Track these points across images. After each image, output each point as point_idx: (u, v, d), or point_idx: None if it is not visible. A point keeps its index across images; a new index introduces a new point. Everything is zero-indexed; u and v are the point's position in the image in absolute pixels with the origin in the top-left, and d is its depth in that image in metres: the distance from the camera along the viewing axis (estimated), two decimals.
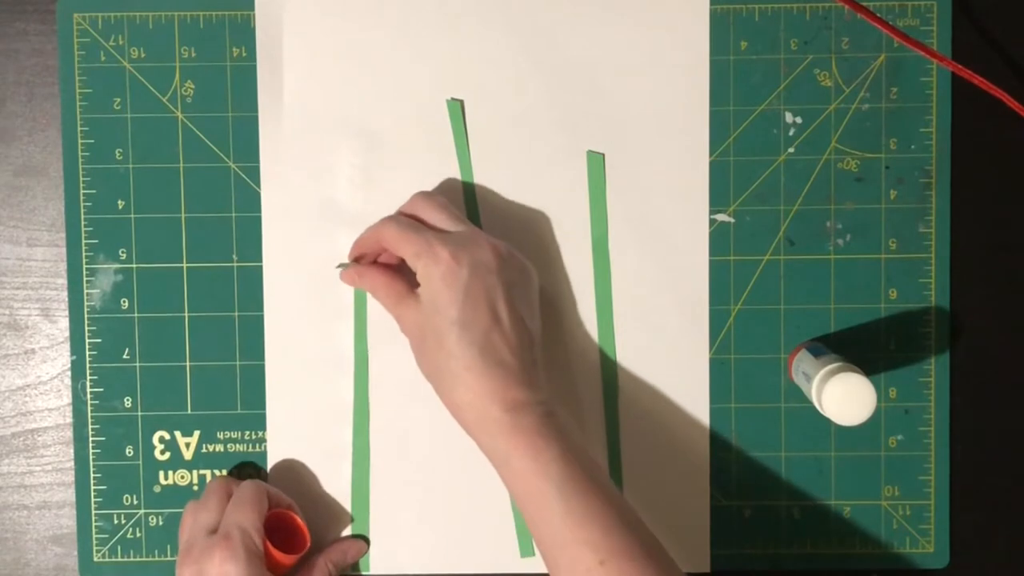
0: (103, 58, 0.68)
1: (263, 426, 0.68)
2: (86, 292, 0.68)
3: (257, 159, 0.68)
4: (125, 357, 0.68)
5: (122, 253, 0.68)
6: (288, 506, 0.65)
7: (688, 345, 0.68)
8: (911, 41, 0.65)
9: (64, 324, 0.69)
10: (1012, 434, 0.69)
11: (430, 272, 0.61)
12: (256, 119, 0.68)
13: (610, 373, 0.68)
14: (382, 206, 0.67)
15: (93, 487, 0.68)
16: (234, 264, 0.68)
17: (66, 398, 0.69)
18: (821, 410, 0.61)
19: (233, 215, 0.68)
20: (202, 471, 0.68)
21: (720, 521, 0.68)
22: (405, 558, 0.68)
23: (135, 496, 0.68)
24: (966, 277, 0.68)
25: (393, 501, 0.68)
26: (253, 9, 0.67)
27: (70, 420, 0.69)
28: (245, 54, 0.68)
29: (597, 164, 0.68)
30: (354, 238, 0.67)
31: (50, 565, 0.69)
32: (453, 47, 0.67)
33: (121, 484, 0.68)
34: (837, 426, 0.67)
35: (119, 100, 0.68)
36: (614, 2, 0.67)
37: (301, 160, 0.68)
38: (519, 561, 0.68)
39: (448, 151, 0.68)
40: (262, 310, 0.68)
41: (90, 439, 0.68)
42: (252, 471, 0.68)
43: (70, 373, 0.68)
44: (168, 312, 0.68)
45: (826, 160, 0.68)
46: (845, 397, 0.60)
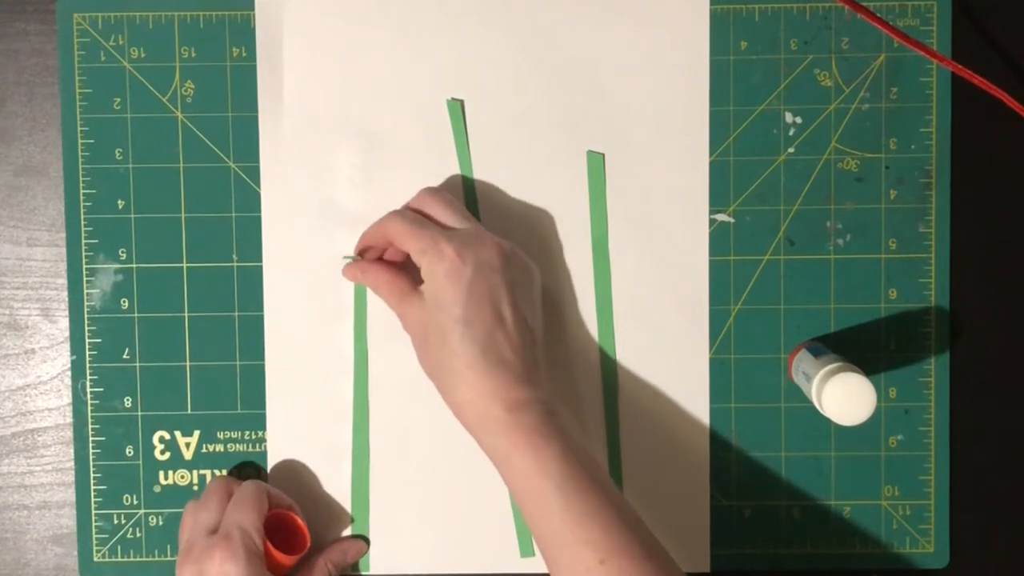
0: (103, 58, 0.68)
1: (263, 426, 0.68)
2: (86, 292, 0.68)
3: (257, 159, 0.68)
4: (125, 357, 0.68)
5: (122, 253, 0.68)
6: (288, 506, 0.65)
7: (688, 345, 0.68)
8: (911, 41, 0.65)
9: (64, 324, 0.69)
10: (1012, 434, 0.69)
11: (434, 270, 0.61)
12: (256, 119, 0.68)
13: (610, 373, 0.68)
14: (382, 206, 0.67)
15: (93, 487, 0.68)
16: (234, 264, 0.68)
17: (66, 398, 0.69)
18: (821, 410, 0.61)
19: (233, 215, 0.68)
20: (202, 471, 0.68)
21: (720, 521, 0.68)
22: (405, 558, 0.68)
23: (135, 496, 0.68)
24: (966, 277, 0.68)
25: (393, 501, 0.68)
26: (253, 9, 0.67)
27: (70, 420, 0.69)
28: (245, 54, 0.68)
29: (597, 164, 0.68)
30: (354, 238, 0.67)
31: (50, 565, 0.69)
32: (453, 47, 0.67)
33: (121, 484, 0.68)
34: (837, 426, 0.67)
35: (119, 100, 0.68)
36: (614, 2, 0.67)
37: (301, 160, 0.68)
38: (519, 561, 0.68)
39: (448, 151, 0.68)
40: (262, 310, 0.68)
41: (90, 439, 0.68)
42: (252, 471, 0.68)
43: (70, 373, 0.68)
44: (168, 312, 0.68)
45: (826, 160, 0.68)
46: (845, 397, 0.60)
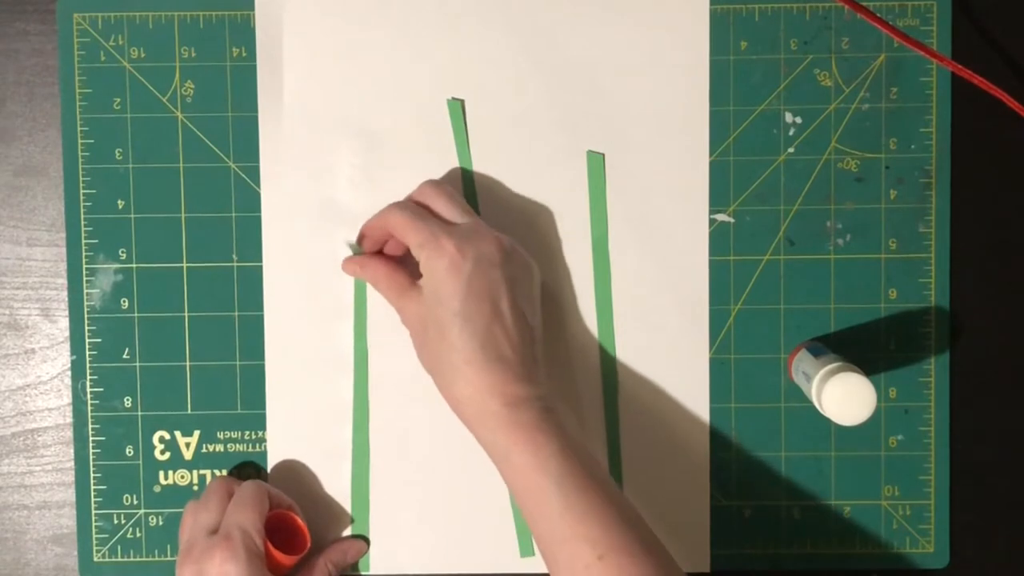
0: (103, 58, 0.68)
1: (263, 426, 0.68)
2: (86, 292, 0.68)
3: (257, 159, 0.68)
4: (125, 357, 0.68)
5: (122, 253, 0.68)
6: (288, 507, 0.65)
7: (688, 345, 0.68)
8: (911, 41, 0.65)
9: (64, 324, 0.69)
10: (1012, 434, 0.69)
11: (434, 264, 0.61)
12: (256, 119, 0.68)
13: (610, 373, 0.68)
14: (382, 206, 0.66)
15: (93, 487, 0.68)
16: (234, 264, 0.68)
17: (66, 398, 0.69)
18: (821, 410, 0.61)
19: (233, 215, 0.68)
20: (202, 471, 0.68)
21: (720, 521, 0.68)
22: (405, 558, 0.68)
23: (135, 496, 0.68)
24: (966, 277, 0.68)
25: (393, 501, 0.68)
26: (253, 9, 0.67)
27: (70, 420, 0.69)
28: (245, 54, 0.68)
29: (597, 164, 0.68)
30: (354, 238, 0.67)
31: (50, 565, 0.69)
32: (453, 47, 0.67)
33: (121, 484, 0.68)
34: (837, 426, 0.67)
35: (119, 100, 0.68)
36: (614, 2, 0.67)
37: (301, 160, 0.68)
38: (519, 561, 0.68)
39: (448, 151, 0.68)
40: (262, 310, 0.68)
41: (90, 439, 0.68)
42: (252, 471, 0.68)
43: (70, 373, 0.68)
44: (168, 312, 0.68)
45: (826, 160, 0.68)
46: (845, 397, 0.60)
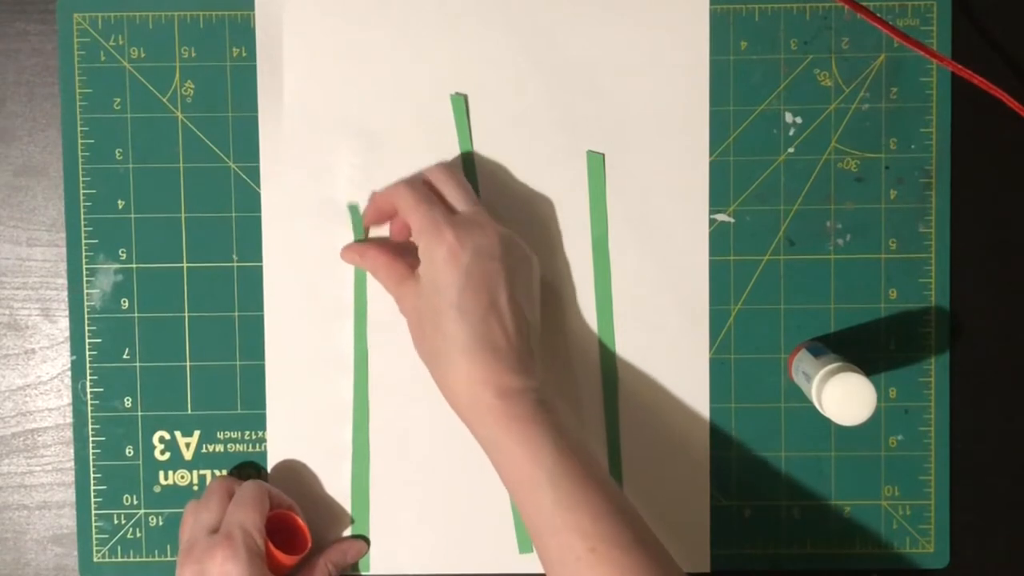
0: (103, 58, 0.67)
1: (263, 426, 0.68)
2: (86, 292, 0.68)
3: (257, 159, 0.68)
4: (125, 357, 0.68)
5: (122, 253, 0.68)
6: (289, 507, 0.65)
7: (688, 345, 0.68)
8: (911, 41, 0.65)
9: (64, 324, 0.69)
10: (1012, 434, 0.69)
11: (433, 253, 0.61)
12: (256, 119, 0.68)
13: (610, 373, 0.68)
14: None
15: (93, 487, 0.68)
16: (234, 264, 0.68)
17: (66, 398, 0.69)
18: (821, 410, 0.61)
19: (233, 215, 0.68)
20: (202, 471, 0.68)
21: (720, 521, 0.68)
22: (405, 558, 0.68)
23: (135, 496, 0.68)
24: (966, 277, 0.68)
25: (393, 501, 0.68)
26: (253, 9, 0.67)
27: (70, 420, 0.69)
28: (245, 54, 0.68)
29: (597, 164, 0.68)
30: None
31: (50, 565, 0.69)
32: (453, 47, 0.67)
33: (121, 484, 0.68)
34: (837, 426, 0.67)
35: (119, 100, 0.68)
36: (614, 2, 0.67)
37: (301, 160, 0.68)
38: (519, 561, 0.68)
39: (448, 151, 0.68)
40: (262, 310, 0.68)
41: (90, 439, 0.68)
42: (252, 471, 0.68)
43: (70, 373, 0.68)
44: (168, 312, 0.68)
45: (826, 160, 0.68)
46: (845, 397, 0.60)
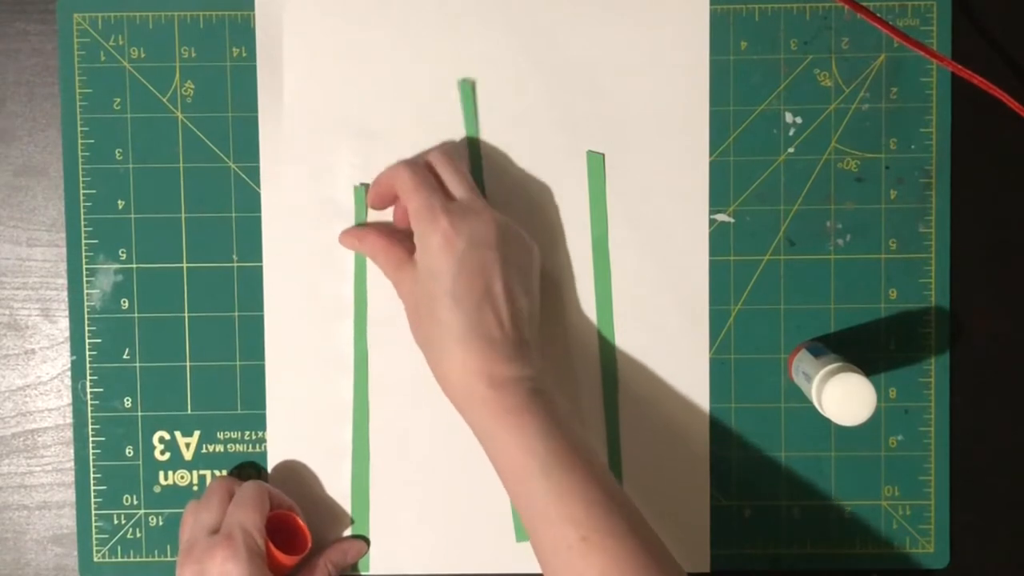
0: (103, 58, 0.67)
1: (263, 426, 0.68)
2: (86, 292, 0.68)
3: (257, 159, 0.68)
4: (125, 357, 0.68)
5: (122, 253, 0.68)
6: (289, 507, 0.65)
7: (688, 345, 0.68)
8: (911, 41, 0.65)
9: (64, 324, 0.69)
10: (1012, 434, 0.69)
11: (428, 239, 0.61)
12: (256, 119, 0.68)
13: (610, 373, 0.68)
14: None
15: (93, 487, 0.68)
16: (234, 264, 0.68)
17: (66, 398, 0.69)
18: (821, 410, 0.61)
19: (233, 215, 0.68)
20: (202, 471, 0.68)
21: (720, 521, 0.68)
22: (405, 558, 0.68)
23: (135, 496, 0.68)
24: (966, 277, 0.68)
25: (393, 501, 0.68)
26: (253, 9, 0.67)
27: (70, 420, 0.69)
28: (245, 54, 0.68)
29: (597, 164, 0.68)
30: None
31: (50, 565, 0.69)
32: (453, 47, 0.67)
33: (121, 484, 0.68)
34: (837, 426, 0.67)
35: (119, 100, 0.68)
36: (614, 2, 0.67)
37: (301, 160, 0.68)
38: (519, 561, 0.68)
39: None
40: (262, 310, 0.68)
41: (90, 439, 0.68)
42: (253, 471, 0.68)
43: (70, 373, 0.68)
44: (168, 312, 0.68)
45: (826, 160, 0.68)
46: (845, 397, 0.60)
